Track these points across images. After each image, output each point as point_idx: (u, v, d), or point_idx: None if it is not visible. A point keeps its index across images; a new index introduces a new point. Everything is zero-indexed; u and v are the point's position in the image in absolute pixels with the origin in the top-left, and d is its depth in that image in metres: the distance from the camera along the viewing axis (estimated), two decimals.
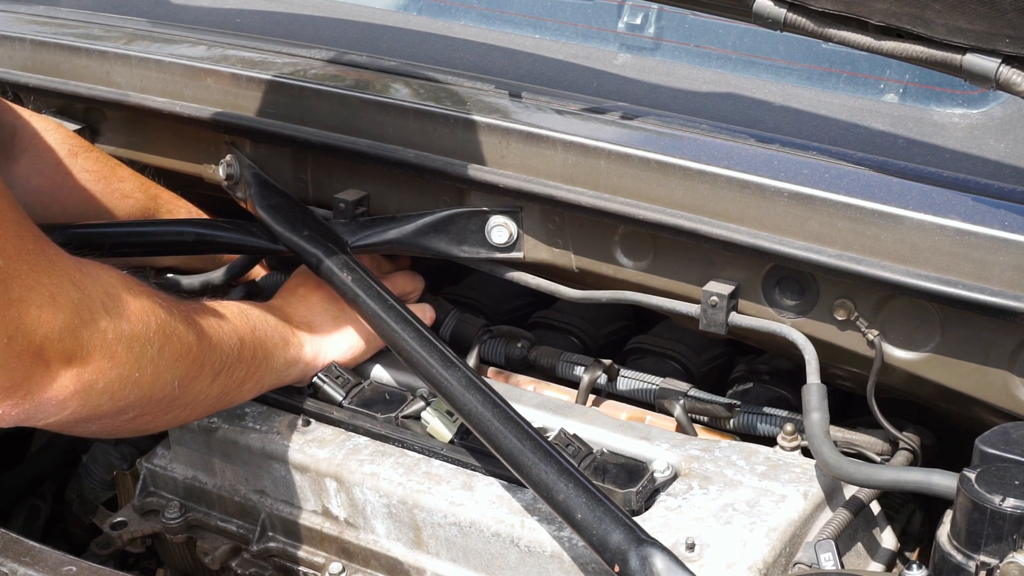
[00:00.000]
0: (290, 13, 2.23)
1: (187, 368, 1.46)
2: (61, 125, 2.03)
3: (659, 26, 2.01)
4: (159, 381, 1.41)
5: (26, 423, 1.29)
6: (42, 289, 1.24)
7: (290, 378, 1.71)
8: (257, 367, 1.61)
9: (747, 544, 1.44)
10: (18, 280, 1.22)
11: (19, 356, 1.23)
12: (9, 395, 1.25)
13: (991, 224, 1.46)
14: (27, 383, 1.25)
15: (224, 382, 1.55)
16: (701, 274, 1.65)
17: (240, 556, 1.75)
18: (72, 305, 1.27)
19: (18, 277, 1.22)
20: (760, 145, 1.66)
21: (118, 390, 1.35)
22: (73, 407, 1.31)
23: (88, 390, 1.31)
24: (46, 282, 1.25)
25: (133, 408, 1.40)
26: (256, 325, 1.62)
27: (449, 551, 1.57)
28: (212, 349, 1.50)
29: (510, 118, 1.74)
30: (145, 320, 1.37)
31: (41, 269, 1.25)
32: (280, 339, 1.67)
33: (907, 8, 1.33)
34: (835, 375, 1.67)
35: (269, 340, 1.64)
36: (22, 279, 1.23)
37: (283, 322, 1.70)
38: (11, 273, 1.21)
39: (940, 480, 1.38)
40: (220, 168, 1.95)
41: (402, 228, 1.81)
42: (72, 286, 1.28)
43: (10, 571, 1.37)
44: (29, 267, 1.23)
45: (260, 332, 1.62)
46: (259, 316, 1.65)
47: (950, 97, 1.76)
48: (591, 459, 1.56)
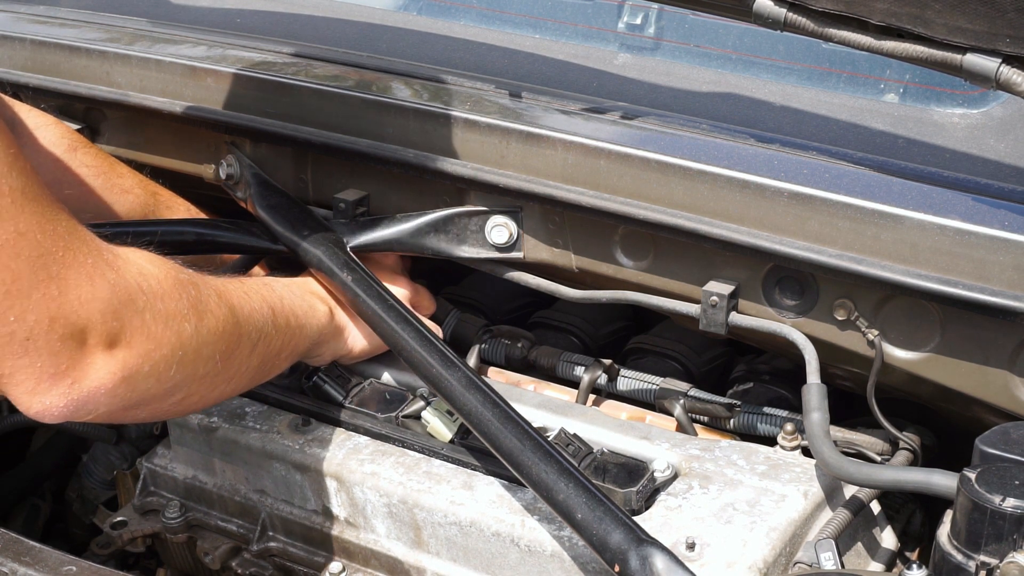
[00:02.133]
0: (290, 13, 2.23)
1: (226, 342, 1.44)
2: (60, 121, 2.03)
3: (659, 26, 2.01)
4: (201, 357, 1.39)
5: (76, 416, 1.26)
6: (79, 268, 1.23)
7: (321, 349, 1.70)
8: (292, 335, 1.60)
9: (747, 544, 1.44)
10: (55, 258, 1.20)
11: (62, 340, 1.21)
12: (56, 383, 1.22)
13: (991, 224, 1.46)
14: (73, 370, 1.23)
15: (263, 351, 1.53)
16: (701, 274, 1.65)
17: (240, 556, 1.75)
18: (109, 285, 1.25)
19: (54, 254, 1.20)
20: (760, 145, 1.66)
21: (164, 371, 1.33)
22: (122, 394, 1.29)
23: (135, 374, 1.29)
24: (82, 260, 1.23)
25: (180, 388, 1.38)
26: (283, 295, 1.62)
27: (449, 551, 1.57)
28: (246, 320, 1.49)
29: (510, 118, 1.74)
30: (179, 298, 1.35)
31: (76, 248, 1.23)
32: (308, 307, 1.66)
33: (907, 8, 1.33)
34: (835, 375, 1.67)
35: (298, 307, 1.63)
36: (59, 257, 1.21)
37: (309, 291, 1.70)
38: (48, 250, 1.20)
39: (940, 480, 1.38)
40: (220, 168, 1.95)
41: (402, 228, 1.81)
42: (107, 266, 1.26)
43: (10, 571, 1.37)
44: (65, 245, 1.22)
45: (288, 301, 1.62)
46: (284, 286, 1.65)
47: (950, 97, 1.77)
48: (591, 459, 1.56)
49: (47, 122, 1.96)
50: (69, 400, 1.24)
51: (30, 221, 1.19)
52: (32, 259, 1.19)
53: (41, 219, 1.20)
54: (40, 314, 1.19)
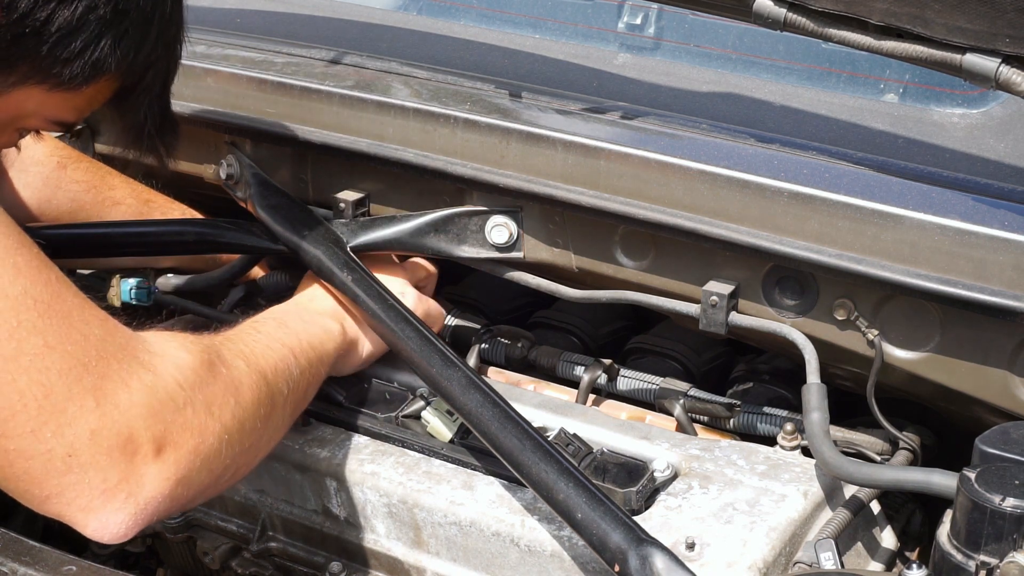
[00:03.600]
0: (290, 13, 2.23)
1: (263, 407, 1.40)
2: (49, 136, 2.03)
3: (659, 26, 2.01)
4: (245, 432, 1.35)
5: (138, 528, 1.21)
6: (114, 376, 1.19)
7: (344, 366, 1.69)
8: (313, 369, 1.57)
9: (747, 543, 1.44)
10: (88, 369, 1.17)
11: (108, 453, 1.17)
12: (110, 499, 1.18)
13: (991, 224, 1.46)
14: (126, 483, 1.18)
15: (293, 399, 1.51)
16: (701, 274, 1.65)
17: (240, 555, 1.75)
18: (147, 388, 1.21)
19: (87, 365, 1.17)
20: (760, 145, 1.66)
21: (215, 459, 1.29)
22: (180, 494, 1.24)
23: (188, 473, 1.24)
24: (116, 368, 1.19)
25: (231, 468, 1.35)
26: (298, 330, 1.58)
27: (449, 550, 1.57)
28: (274, 376, 1.45)
29: (510, 118, 1.74)
30: (215, 381, 1.31)
31: (110, 354, 1.20)
32: (323, 331, 1.64)
33: (907, 8, 1.33)
34: (835, 375, 1.67)
35: (315, 338, 1.60)
36: (92, 367, 1.17)
37: (316, 315, 1.68)
38: (80, 361, 1.17)
39: (940, 480, 1.38)
40: (220, 168, 1.95)
41: (402, 228, 1.81)
42: (142, 368, 1.22)
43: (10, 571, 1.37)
44: (98, 354, 1.19)
45: (304, 336, 1.58)
46: (296, 319, 1.61)
47: (950, 97, 1.77)
48: (591, 458, 1.56)
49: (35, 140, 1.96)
50: (126, 515, 1.19)
51: (59, 332, 1.16)
52: (63, 372, 1.16)
53: (70, 329, 1.17)
54: (79, 428, 1.16)
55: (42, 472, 1.16)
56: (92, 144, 2.14)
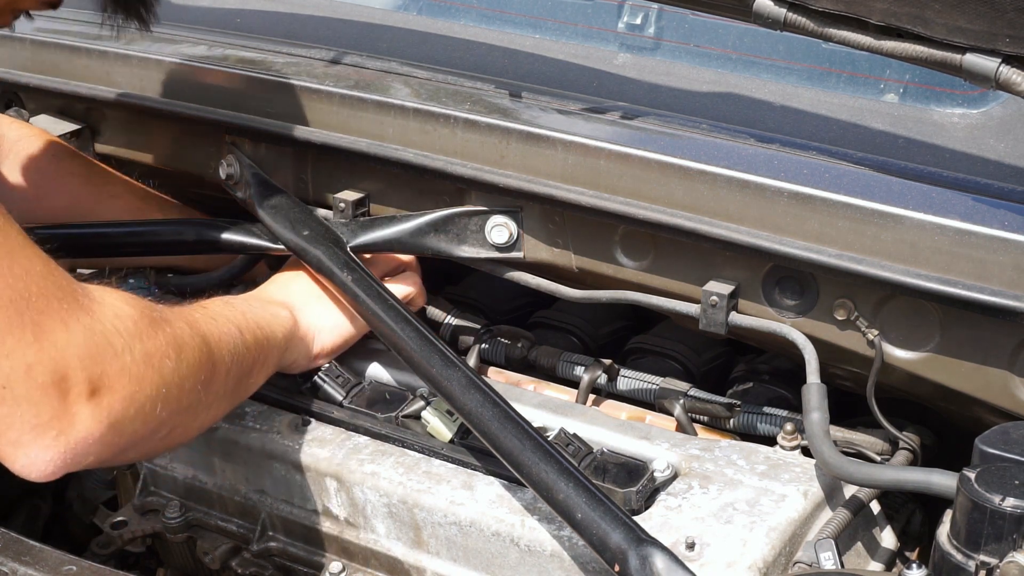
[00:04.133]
0: (290, 13, 2.23)
1: (203, 371, 1.41)
2: (44, 132, 2.03)
3: (659, 26, 2.01)
4: (184, 391, 1.36)
5: (66, 469, 1.21)
6: (53, 314, 1.19)
7: (294, 354, 1.69)
8: (260, 348, 1.58)
9: (747, 543, 1.44)
10: (28, 303, 1.17)
11: (43, 388, 1.17)
12: (39, 435, 1.18)
13: (991, 224, 1.46)
14: (57, 421, 1.18)
15: (237, 372, 1.52)
16: (701, 274, 1.65)
17: (240, 556, 1.75)
18: (85, 330, 1.22)
19: (27, 300, 1.17)
20: (760, 145, 1.66)
21: (150, 411, 1.29)
22: (111, 440, 1.24)
23: (122, 419, 1.25)
24: (56, 306, 1.20)
25: (166, 425, 1.35)
26: (245, 311, 1.60)
27: (449, 550, 1.57)
28: (217, 345, 1.47)
29: (510, 118, 1.74)
30: (156, 335, 1.32)
31: (50, 293, 1.20)
32: (271, 315, 1.64)
33: (907, 8, 1.33)
34: (835, 375, 1.67)
35: (262, 318, 1.61)
36: (32, 303, 1.17)
37: (267, 302, 1.69)
38: (20, 295, 1.16)
39: (940, 480, 1.38)
40: (220, 168, 1.95)
41: (402, 228, 1.81)
42: (82, 311, 1.23)
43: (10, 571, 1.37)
44: (38, 290, 1.18)
45: (251, 316, 1.60)
46: (243, 302, 1.64)
47: (950, 97, 1.76)
48: (591, 458, 1.56)
49: (30, 133, 1.96)
50: (56, 453, 1.19)
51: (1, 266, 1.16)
52: (4, 304, 1.15)
53: (12, 261, 1.17)
54: (16, 361, 1.15)
55: None
56: (92, 144, 2.14)
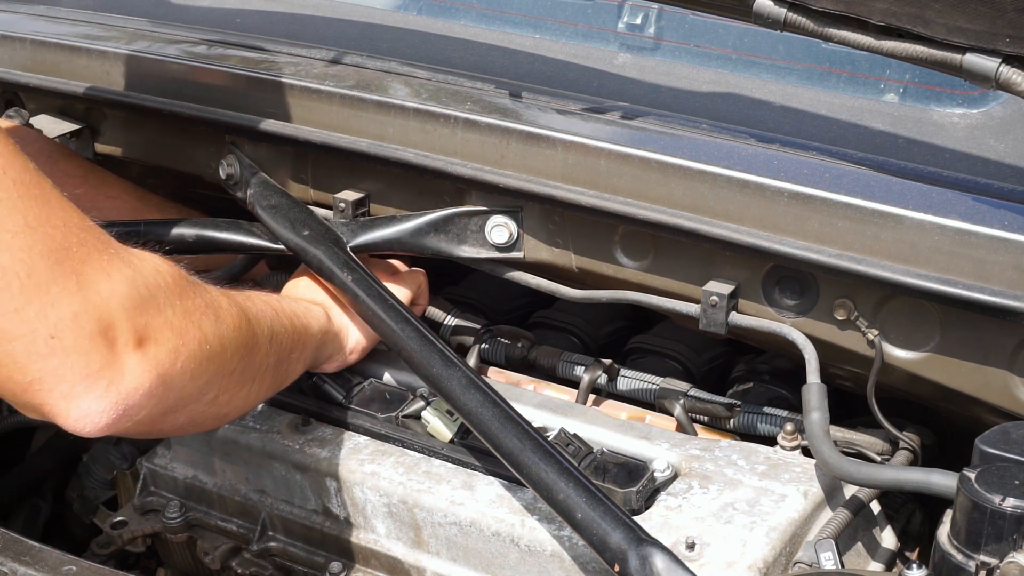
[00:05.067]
0: (290, 13, 2.23)
1: (244, 336, 1.40)
2: (40, 133, 2.03)
3: (659, 26, 2.01)
4: (227, 351, 1.35)
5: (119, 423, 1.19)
6: (95, 263, 1.17)
7: (329, 350, 1.69)
8: (298, 335, 1.58)
9: (747, 543, 1.44)
10: (69, 252, 1.15)
11: (91, 338, 1.15)
12: (91, 386, 1.15)
13: (991, 224, 1.46)
14: (107, 370, 1.16)
15: (277, 349, 1.50)
16: (701, 274, 1.65)
17: (240, 555, 1.75)
18: (128, 281, 1.20)
19: (68, 249, 1.15)
20: (760, 145, 1.66)
21: (195, 367, 1.28)
22: (160, 393, 1.22)
23: (169, 371, 1.23)
24: (97, 256, 1.18)
25: (212, 386, 1.34)
26: (280, 299, 1.60)
27: (449, 550, 1.57)
28: (255, 318, 1.46)
29: (510, 118, 1.74)
30: (195, 295, 1.31)
31: (90, 243, 1.18)
32: (305, 309, 1.65)
33: (907, 8, 1.33)
34: (835, 375, 1.67)
35: (297, 309, 1.61)
36: (73, 252, 1.15)
37: (301, 299, 1.69)
38: (61, 244, 1.14)
39: (940, 480, 1.38)
40: (220, 168, 1.95)
41: (402, 228, 1.81)
42: (122, 262, 1.21)
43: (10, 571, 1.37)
44: (78, 240, 1.17)
45: (286, 304, 1.60)
46: (274, 295, 1.64)
47: (950, 97, 1.76)
48: (591, 458, 1.56)
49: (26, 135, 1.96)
50: (108, 404, 1.17)
51: (39, 214, 1.14)
52: (46, 252, 1.13)
53: (50, 213, 1.15)
54: (62, 310, 1.13)
55: (25, 355, 1.13)
56: (92, 144, 2.14)
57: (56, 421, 1.18)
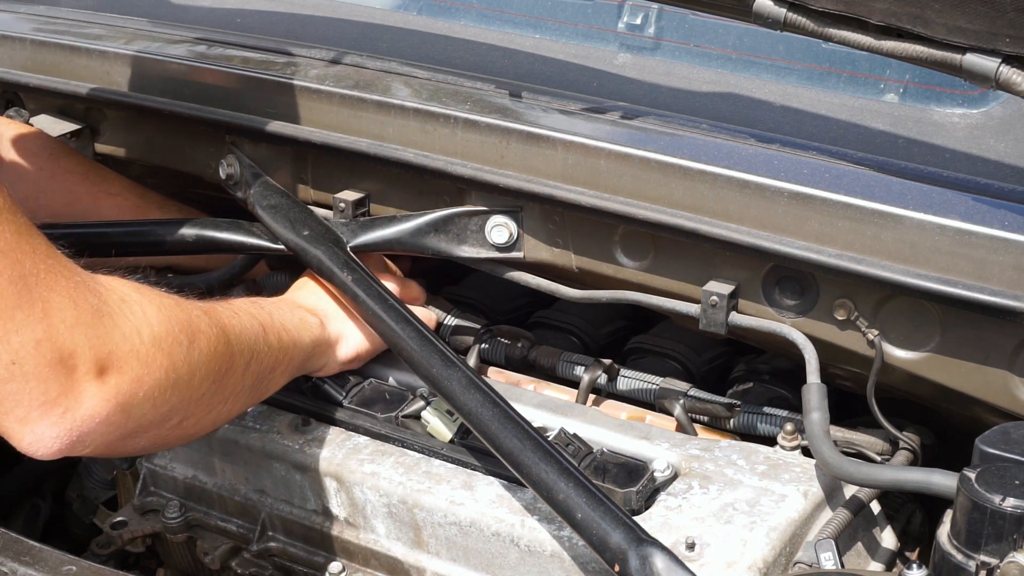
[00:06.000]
0: (290, 13, 2.23)
1: (219, 361, 1.40)
2: (41, 131, 2.03)
3: (659, 26, 2.01)
4: (196, 379, 1.36)
5: (72, 450, 1.21)
6: (62, 291, 1.18)
7: (320, 361, 1.69)
8: (284, 350, 1.58)
9: (747, 543, 1.44)
10: (37, 279, 1.16)
11: (50, 365, 1.16)
12: (47, 412, 1.17)
13: (991, 224, 1.46)
14: (64, 398, 1.18)
15: (256, 369, 1.51)
16: (701, 274, 1.65)
17: (240, 556, 1.75)
18: (93, 309, 1.21)
19: (36, 276, 1.16)
20: (760, 145, 1.66)
21: (159, 395, 1.29)
22: (118, 421, 1.24)
23: (130, 400, 1.24)
24: (64, 284, 1.19)
25: (177, 412, 1.35)
26: (272, 312, 1.60)
27: (449, 550, 1.57)
28: (237, 338, 1.46)
29: (510, 118, 1.74)
30: (167, 320, 1.31)
31: (57, 271, 1.19)
32: (299, 321, 1.65)
33: (907, 8, 1.33)
34: (835, 375, 1.67)
35: (288, 322, 1.61)
36: (41, 279, 1.17)
37: (297, 307, 1.69)
38: (30, 271, 1.16)
39: (940, 480, 1.38)
40: (220, 168, 1.95)
41: (402, 228, 1.81)
42: (89, 291, 1.22)
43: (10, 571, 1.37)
44: (46, 267, 1.18)
45: (277, 317, 1.60)
46: (272, 304, 1.64)
47: (950, 97, 1.76)
48: (591, 459, 1.56)
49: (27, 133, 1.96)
50: (62, 431, 1.19)
51: (9, 240, 1.15)
52: (14, 279, 1.15)
53: (20, 239, 1.16)
54: (25, 336, 1.15)
55: None
56: (92, 144, 2.14)
57: (11, 442, 1.20)
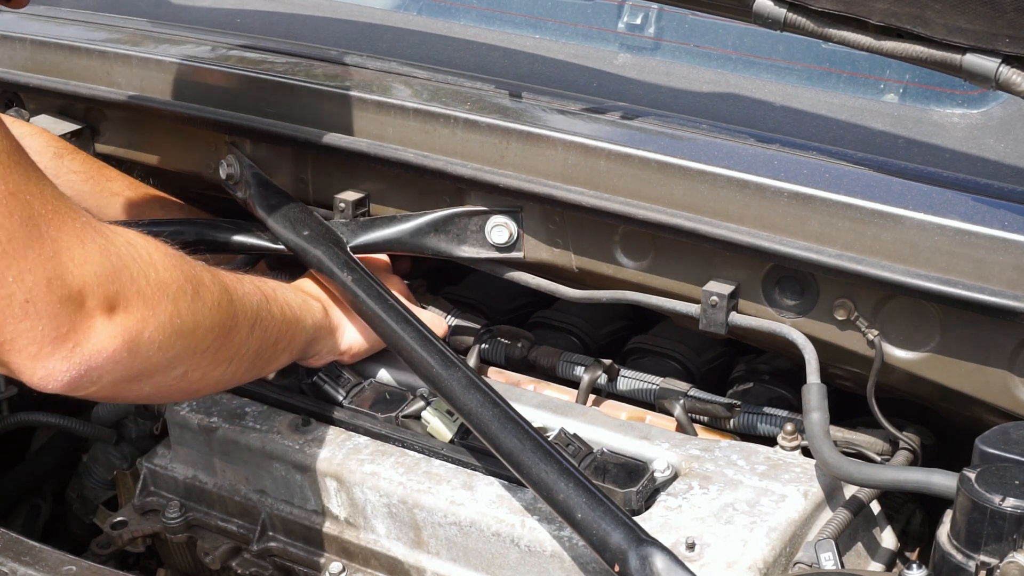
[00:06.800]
0: (290, 13, 2.23)
1: (223, 316, 1.42)
2: (44, 130, 2.03)
3: (659, 26, 2.01)
4: (200, 329, 1.37)
5: (80, 385, 1.23)
6: (70, 231, 1.21)
7: (320, 346, 1.69)
8: (288, 325, 1.59)
9: (747, 544, 1.44)
10: (46, 219, 1.18)
11: (61, 302, 1.19)
12: (57, 347, 1.20)
13: (991, 224, 1.46)
14: (74, 333, 1.20)
15: (260, 335, 1.52)
16: (701, 274, 1.65)
17: (240, 556, 1.75)
18: (100, 249, 1.23)
19: (44, 216, 1.18)
20: (760, 145, 1.66)
21: (164, 339, 1.31)
22: (125, 360, 1.26)
23: (136, 339, 1.26)
24: (71, 224, 1.21)
25: (182, 361, 1.36)
26: (275, 287, 1.61)
27: (449, 551, 1.57)
28: (241, 300, 1.47)
29: (510, 118, 1.74)
30: (172, 267, 1.33)
31: (65, 212, 1.21)
32: (302, 302, 1.65)
33: (907, 8, 1.33)
34: (835, 375, 1.67)
35: (292, 301, 1.62)
36: (49, 219, 1.19)
37: (300, 291, 1.69)
38: (39, 211, 1.18)
39: (940, 480, 1.38)
40: (220, 168, 1.95)
41: (402, 228, 1.81)
42: (96, 232, 1.24)
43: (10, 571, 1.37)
44: (54, 208, 1.20)
45: (281, 294, 1.60)
46: (275, 282, 1.64)
47: (950, 97, 1.76)
48: (591, 459, 1.56)
49: (31, 131, 1.96)
50: (71, 365, 1.21)
51: (19, 182, 1.17)
52: (25, 219, 1.17)
53: (29, 182, 1.18)
54: (37, 275, 1.17)
55: (1, 317, 1.17)
56: (92, 144, 2.14)
57: (21, 378, 1.22)
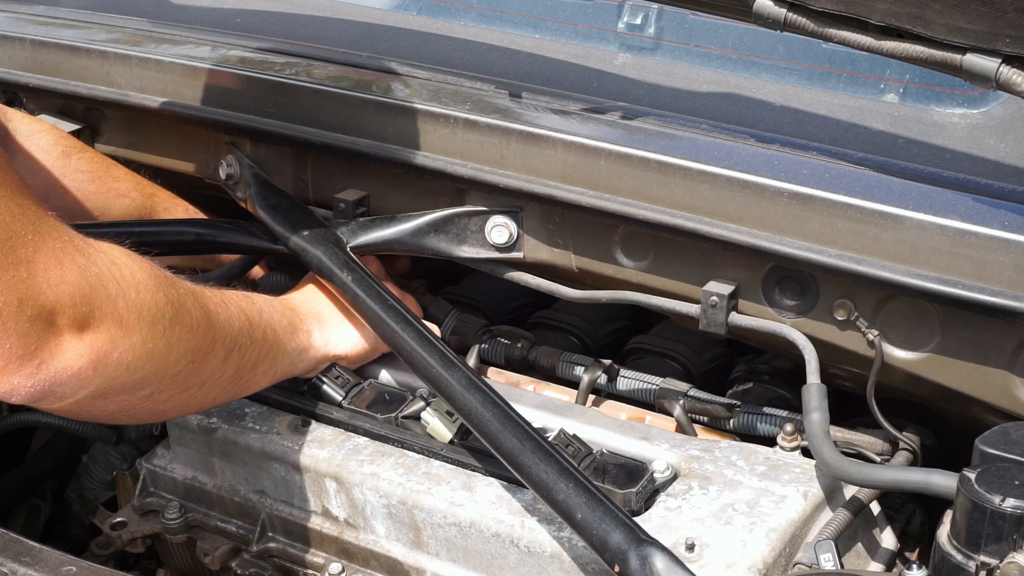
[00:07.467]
0: (290, 13, 2.23)
1: (199, 343, 1.42)
2: (54, 127, 2.03)
3: (659, 26, 2.01)
4: (172, 354, 1.38)
5: (43, 400, 1.25)
6: (48, 252, 1.22)
7: (303, 366, 1.69)
8: (268, 349, 1.59)
9: (747, 544, 1.44)
10: (23, 241, 1.19)
11: (31, 321, 1.20)
12: (23, 364, 1.21)
13: (991, 224, 1.46)
14: (40, 351, 1.21)
15: (237, 361, 1.52)
16: (701, 274, 1.65)
17: (240, 556, 1.75)
18: (79, 269, 1.24)
19: (22, 237, 1.19)
20: (760, 145, 1.66)
21: (133, 361, 1.31)
22: (89, 378, 1.27)
23: (103, 359, 1.27)
24: (51, 244, 1.22)
25: (149, 383, 1.37)
26: (262, 309, 1.61)
27: (449, 551, 1.57)
28: (221, 326, 1.47)
29: (510, 118, 1.74)
30: (153, 291, 1.34)
31: (45, 232, 1.22)
32: (288, 324, 1.65)
33: (907, 8, 1.33)
34: (835, 375, 1.67)
35: (277, 324, 1.62)
36: (27, 240, 1.20)
37: (290, 309, 1.69)
38: (16, 232, 1.19)
39: (940, 480, 1.38)
40: (220, 168, 1.95)
41: (402, 228, 1.81)
42: (76, 252, 1.25)
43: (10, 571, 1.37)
44: (34, 228, 1.21)
45: (267, 316, 1.60)
46: (264, 302, 1.64)
47: (950, 97, 1.76)
48: (591, 459, 1.56)
49: (40, 128, 1.96)
50: (36, 381, 1.23)
51: None
52: (2, 241, 1.17)
53: (9, 203, 1.19)
54: (9, 296, 1.18)
55: None
56: (92, 144, 2.14)
57: None
